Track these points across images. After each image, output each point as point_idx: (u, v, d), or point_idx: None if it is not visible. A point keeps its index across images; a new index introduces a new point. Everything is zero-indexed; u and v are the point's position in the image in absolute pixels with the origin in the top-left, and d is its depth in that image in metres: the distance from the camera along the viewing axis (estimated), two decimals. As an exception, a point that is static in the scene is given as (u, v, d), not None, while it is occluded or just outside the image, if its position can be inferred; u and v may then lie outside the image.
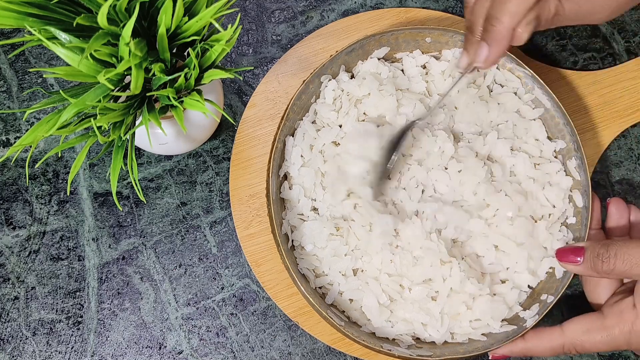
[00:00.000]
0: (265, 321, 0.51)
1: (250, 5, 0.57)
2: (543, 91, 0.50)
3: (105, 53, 0.35)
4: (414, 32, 0.51)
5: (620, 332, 0.43)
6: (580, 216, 0.48)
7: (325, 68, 0.50)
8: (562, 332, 0.45)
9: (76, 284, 0.51)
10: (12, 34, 0.56)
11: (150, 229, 0.53)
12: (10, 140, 0.54)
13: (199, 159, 0.54)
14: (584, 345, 0.44)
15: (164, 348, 0.51)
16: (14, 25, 0.34)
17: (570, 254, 0.44)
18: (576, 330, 0.44)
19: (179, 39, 0.38)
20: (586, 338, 0.44)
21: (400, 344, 0.46)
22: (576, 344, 0.44)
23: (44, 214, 0.53)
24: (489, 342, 0.46)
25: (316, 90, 0.51)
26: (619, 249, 0.41)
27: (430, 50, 0.52)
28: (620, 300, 0.44)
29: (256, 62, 0.56)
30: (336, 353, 0.51)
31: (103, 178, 0.53)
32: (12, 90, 0.55)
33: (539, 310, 0.46)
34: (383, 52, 0.52)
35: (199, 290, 0.52)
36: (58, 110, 0.37)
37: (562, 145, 0.49)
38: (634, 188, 0.55)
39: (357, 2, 0.58)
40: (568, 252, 0.44)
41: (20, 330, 0.50)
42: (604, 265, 0.42)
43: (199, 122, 0.48)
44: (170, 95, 0.38)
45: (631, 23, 0.58)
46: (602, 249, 0.42)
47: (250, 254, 0.51)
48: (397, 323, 0.47)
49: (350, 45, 0.50)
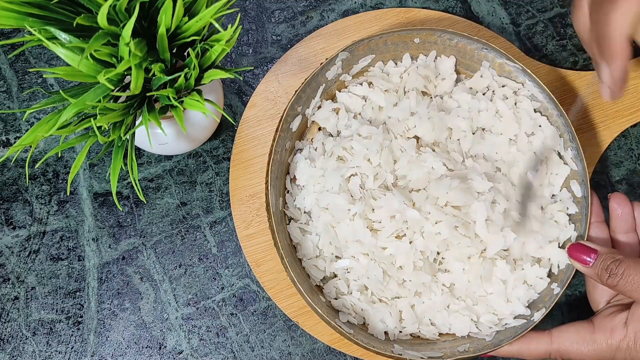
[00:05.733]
0: (265, 321, 0.51)
1: (250, 5, 0.57)
2: (535, 84, 0.50)
3: (105, 53, 0.35)
4: (402, 34, 0.51)
5: (607, 347, 0.43)
6: (580, 206, 0.48)
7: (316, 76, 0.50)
8: (551, 339, 0.45)
9: (76, 284, 0.51)
10: (12, 34, 0.56)
11: (150, 229, 0.53)
12: (10, 140, 0.54)
13: (199, 159, 0.54)
14: (570, 355, 0.44)
15: (164, 348, 0.51)
16: (14, 25, 0.34)
17: (583, 254, 0.44)
18: (564, 340, 0.45)
19: (179, 39, 0.38)
20: (573, 349, 0.44)
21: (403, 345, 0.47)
22: (563, 352, 0.45)
23: (44, 214, 0.53)
24: (497, 339, 0.46)
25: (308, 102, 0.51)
26: (627, 269, 0.42)
27: (419, 51, 0.52)
28: (613, 314, 0.44)
29: (256, 62, 0.56)
30: (336, 353, 0.51)
31: (103, 178, 0.53)
32: (12, 90, 0.55)
33: (546, 303, 0.46)
34: (368, 59, 0.52)
35: (199, 290, 0.52)
36: (58, 110, 0.37)
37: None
38: (634, 188, 0.55)
39: (357, 2, 0.58)
40: (581, 250, 0.44)
41: (20, 330, 0.51)
42: (610, 279, 0.42)
43: (199, 122, 0.48)
44: (170, 95, 0.38)
45: (631, 23, 0.58)
46: (613, 265, 0.42)
47: (250, 254, 0.51)
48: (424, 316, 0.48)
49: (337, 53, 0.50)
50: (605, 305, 0.46)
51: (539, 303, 0.47)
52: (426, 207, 0.47)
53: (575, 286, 0.53)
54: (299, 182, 0.51)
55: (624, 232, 0.48)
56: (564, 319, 0.52)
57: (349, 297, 0.48)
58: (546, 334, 0.45)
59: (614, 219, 0.48)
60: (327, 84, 0.51)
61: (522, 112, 0.51)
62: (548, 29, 0.58)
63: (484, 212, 0.46)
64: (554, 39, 0.57)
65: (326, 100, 0.53)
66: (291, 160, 0.51)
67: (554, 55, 0.57)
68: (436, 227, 0.47)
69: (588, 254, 0.44)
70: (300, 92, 0.50)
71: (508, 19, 0.58)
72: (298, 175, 0.51)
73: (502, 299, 0.47)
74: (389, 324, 0.47)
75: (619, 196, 0.48)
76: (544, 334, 0.46)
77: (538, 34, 0.57)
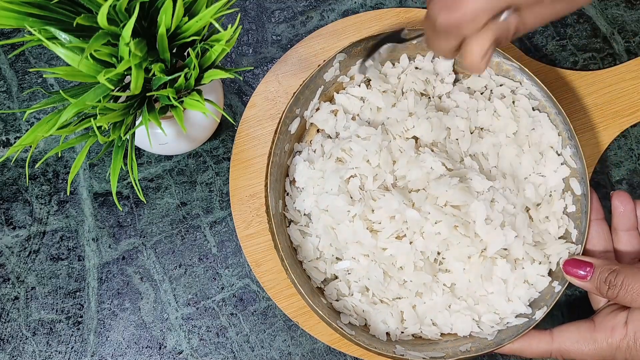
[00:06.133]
0: (265, 321, 0.51)
1: (250, 5, 0.57)
2: (532, 82, 0.50)
3: (105, 53, 0.35)
4: None
5: (608, 346, 0.43)
6: (580, 204, 0.48)
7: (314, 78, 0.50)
8: (552, 339, 0.45)
9: (76, 284, 0.51)
10: (12, 34, 0.56)
11: (150, 229, 0.53)
12: (10, 140, 0.54)
13: (199, 159, 0.54)
14: (571, 354, 0.45)
15: (164, 348, 0.51)
16: (14, 25, 0.34)
17: (578, 269, 0.44)
18: (565, 339, 0.45)
19: (179, 39, 0.38)
20: (574, 348, 0.44)
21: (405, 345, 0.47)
22: (564, 352, 0.45)
23: (44, 214, 0.53)
24: (499, 338, 0.46)
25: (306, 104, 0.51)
26: (625, 279, 0.42)
27: (417, 51, 0.52)
28: (614, 313, 0.44)
29: (256, 62, 0.56)
30: (336, 353, 0.51)
31: (103, 178, 0.53)
32: (12, 90, 0.55)
33: (548, 302, 0.46)
34: None
35: (199, 290, 0.52)
36: (58, 110, 0.37)
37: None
38: (634, 188, 0.55)
39: (357, 2, 0.58)
40: (576, 265, 0.45)
41: (20, 330, 0.51)
42: (609, 291, 0.43)
43: (199, 122, 0.48)
44: (170, 95, 0.38)
45: (631, 23, 0.58)
46: (612, 276, 0.43)
47: (250, 254, 0.51)
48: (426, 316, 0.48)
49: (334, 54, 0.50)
50: (605, 304, 0.46)
51: (540, 301, 0.47)
52: (426, 207, 0.47)
53: (575, 286, 0.53)
54: (298, 185, 0.51)
55: (626, 230, 0.48)
56: (564, 319, 0.52)
57: (350, 299, 0.48)
58: (547, 333, 0.46)
59: (616, 215, 0.48)
60: (325, 85, 0.51)
61: (520, 110, 0.51)
62: (548, 29, 0.58)
63: (483, 211, 0.46)
64: (554, 39, 0.57)
65: (324, 102, 0.53)
66: (290, 163, 0.51)
67: (553, 55, 0.57)
68: (436, 227, 0.47)
69: (583, 268, 0.44)
70: (298, 94, 0.50)
71: (508, 19, 0.58)
72: (297, 177, 0.51)
73: (503, 298, 0.47)
74: (391, 324, 0.47)
75: (622, 194, 0.48)
76: (545, 333, 0.46)
77: (538, 33, 0.57)
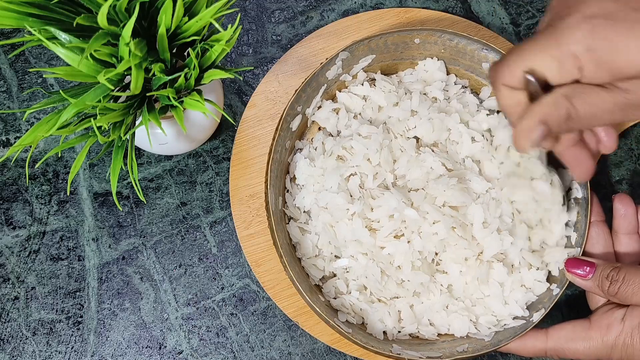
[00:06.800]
0: (265, 321, 0.51)
1: (250, 5, 0.57)
2: None
3: (105, 53, 0.35)
4: (402, 34, 0.51)
5: (603, 344, 0.43)
6: (580, 207, 0.48)
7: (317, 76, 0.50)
8: (546, 338, 0.45)
9: (76, 284, 0.51)
10: (12, 34, 0.56)
11: (150, 229, 0.53)
12: (10, 140, 0.54)
13: (199, 159, 0.54)
14: (565, 353, 0.45)
15: (164, 348, 0.51)
16: (14, 25, 0.34)
17: (580, 268, 0.45)
18: (560, 338, 0.45)
19: (179, 39, 0.38)
20: (568, 346, 0.44)
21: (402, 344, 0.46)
22: (558, 351, 0.45)
23: (44, 214, 0.53)
24: (496, 339, 0.46)
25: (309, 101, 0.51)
26: (627, 274, 0.42)
27: (419, 51, 0.52)
28: (611, 311, 0.44)
29: (256, 62, 0.56)
30: (336, 353, 0.51)
31: (103, 178, 0.53)
32: (12, 90, 0.55)
33: (546, 304, 0.46)
34: (368, 59, 0.52)
35: (199, 290, 0.52)
36: (58, 110, 0.37)
37: None
38: (634, 188, 0.55)
39: (357, 2, 0.58)
40: (578, 264, 0.45)
41: (20, 330, 0.51)
42: (610, 287, 0.43)
43: (199, 122, 0.48)
44: (170, 95, 0.38)
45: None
46: (614, 272, 0.43)
47: (250, 254, 0.52)
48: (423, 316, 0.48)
49: (337, 52, 0.50)
50: (603, 303, 0.46)
51: (538, 304, 0.47)
52: (424, 207, 0.47)
53: (575, 286, 0.53)
54: (298, 182, 0.51)
55: (626, 233, 0.47)
56: (564, 319, 0.52)
57: (348, 297, 0.48)
58: (542, 332, 0.46)
59: (617, 218, 0.48)
60: (327, 84, 0.51)
61: None
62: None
63: (481, 214, 0.47)
64: (554, 39, 0.57)
65: (326, 100, 0.53)
66: (291, 160, 0.51)
67: (554, 55, 0.57)
68: (434, 227, 0.47)
69: (584, 267, 0.44)
70: (301, 91, 0.50)
71: (508, 19, 0.58)
72: (298, 174, 0.51)
73: (500, 301, 0.47)
74: (388, 323, 0.47)
75: (624, 197, 0.48)
76: (540, 332, 0.46)
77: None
